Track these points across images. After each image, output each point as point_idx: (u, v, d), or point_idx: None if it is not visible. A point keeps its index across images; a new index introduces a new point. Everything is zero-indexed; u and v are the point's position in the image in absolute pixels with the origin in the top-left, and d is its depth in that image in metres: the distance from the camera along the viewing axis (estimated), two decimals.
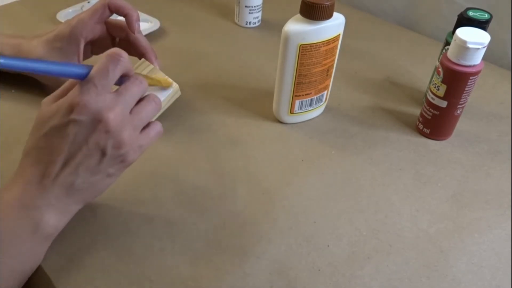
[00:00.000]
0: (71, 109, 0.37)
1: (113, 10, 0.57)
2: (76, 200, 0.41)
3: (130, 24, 0.57)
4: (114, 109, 0.38)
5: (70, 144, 0.38)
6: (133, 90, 0.40)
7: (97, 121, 0.37)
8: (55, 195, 0.39)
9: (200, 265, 0.45)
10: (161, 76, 0.50)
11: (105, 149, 0.38)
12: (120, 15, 0.57)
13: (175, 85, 0.59)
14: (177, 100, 0.64)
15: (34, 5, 0.87)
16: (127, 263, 0.45)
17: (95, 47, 0.61)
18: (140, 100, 0.42)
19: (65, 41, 0.56)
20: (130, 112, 0.40)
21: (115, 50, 0.39)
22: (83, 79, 0.38)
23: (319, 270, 0.45)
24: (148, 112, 0.42)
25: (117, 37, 0.61)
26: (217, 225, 0.49)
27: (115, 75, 0.39)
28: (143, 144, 0.42)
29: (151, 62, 0.54)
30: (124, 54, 0.39)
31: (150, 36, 0.78)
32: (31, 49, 0.57)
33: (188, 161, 0.56)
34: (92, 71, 0.38)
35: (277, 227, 0.49)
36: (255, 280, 0.44)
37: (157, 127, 0.44)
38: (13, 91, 0.65)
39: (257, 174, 0.55)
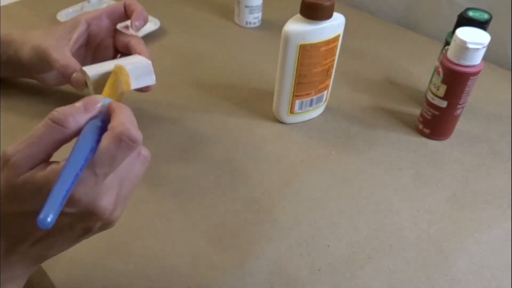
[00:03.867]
0: None
1: (129, 12, 0.56)
2: (39, 263, 0.36)
3: (133, 15, 0.55)
4: (109, 194, 0.32)
5: (50, 229, 0.30)
6: (135, 171, 0.34)
7: (89, 213, 0.32)
8: (23, 268, 0.35)
9: (200, 265, 0.45)
10: (125, 79, 0.47)
11: (92, 229, 0.34)
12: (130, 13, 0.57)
13: (149, 62, 0.54)
14: (177, 100, 0.64)
15: (34, 5, 0.87)
16: (127, 263, 0.45)
17: (96, 50, 0.60)
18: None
19: (69, 24, 0.56)
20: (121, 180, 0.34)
21: (132, 133, 0.31)
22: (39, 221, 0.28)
23: (319, 270, 0.45)
24: (139, 178, 0.35)
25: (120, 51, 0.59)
26: (217, 225, 0.49)
27: (121, 162, 0.32)
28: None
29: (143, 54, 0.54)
30: (139, 139, 0.32)
31: (150, 36, 0.78)
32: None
33: (188, 161, 0.56)
34: (96, 155, 0.31)
35: (277, 227, 0.49)
36: (255, 280, 0.44)
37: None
38: (13, 90, 0.65)
39: (257, 174, 0.55)
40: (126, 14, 0.57)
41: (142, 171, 0.35)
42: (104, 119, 0.34)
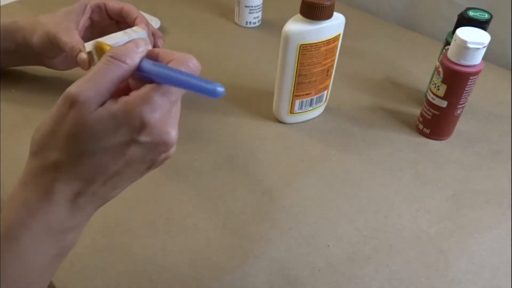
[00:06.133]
0: (139, 128, 0.31)
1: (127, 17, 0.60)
2: (101, 205, 0.35)
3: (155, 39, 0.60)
4: (176, 122, 0.35)
5: (123, 163, 0.32)
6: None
7: (161, 143, 0.33)
8: (87, 213, 0.34)
9: (200, 265, 0.45)
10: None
11: (156, 162, 0.34)
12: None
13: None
14: None
15: (34, 5, 0.87)
16: (127, 263, 0.45)
17: (102, 33, 0.57)
18: None
19: (76, 9, 0.59)
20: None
21: (195, 60, 0.36)
22: (214, 96, 0.32)
23: (319, 270, 0.45)
24: None
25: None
26: (217, 225, 0.49)
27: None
28: None
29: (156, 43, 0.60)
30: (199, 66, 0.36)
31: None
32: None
33: (188, 161, 0.56)
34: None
35: (277, 227, 0.49)
36: (255, 280, 0.44)
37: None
38: (13, 90, 0.65)
39: (257, 174, 0.55)
40: (121, 16, 0.60)
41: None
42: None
